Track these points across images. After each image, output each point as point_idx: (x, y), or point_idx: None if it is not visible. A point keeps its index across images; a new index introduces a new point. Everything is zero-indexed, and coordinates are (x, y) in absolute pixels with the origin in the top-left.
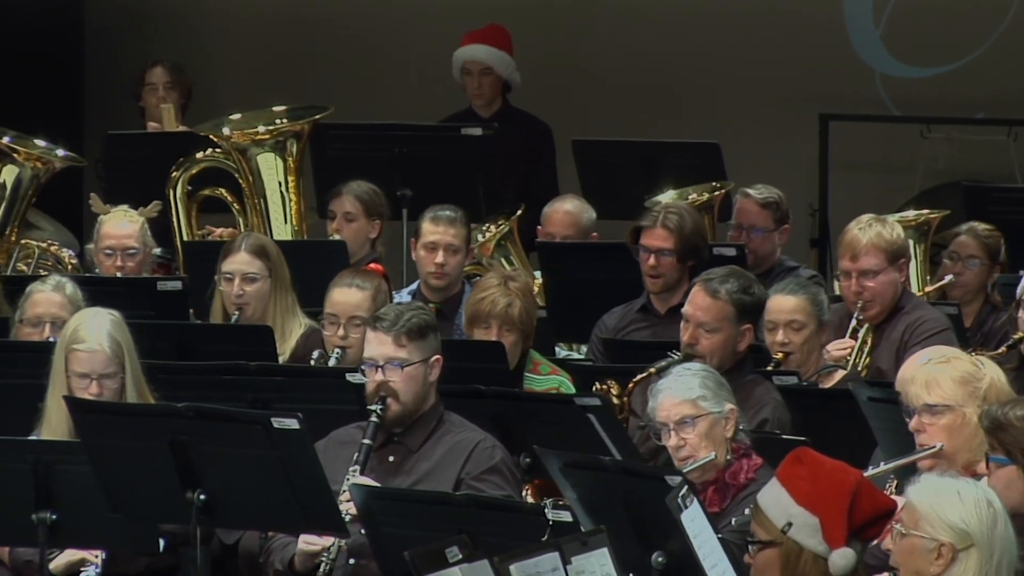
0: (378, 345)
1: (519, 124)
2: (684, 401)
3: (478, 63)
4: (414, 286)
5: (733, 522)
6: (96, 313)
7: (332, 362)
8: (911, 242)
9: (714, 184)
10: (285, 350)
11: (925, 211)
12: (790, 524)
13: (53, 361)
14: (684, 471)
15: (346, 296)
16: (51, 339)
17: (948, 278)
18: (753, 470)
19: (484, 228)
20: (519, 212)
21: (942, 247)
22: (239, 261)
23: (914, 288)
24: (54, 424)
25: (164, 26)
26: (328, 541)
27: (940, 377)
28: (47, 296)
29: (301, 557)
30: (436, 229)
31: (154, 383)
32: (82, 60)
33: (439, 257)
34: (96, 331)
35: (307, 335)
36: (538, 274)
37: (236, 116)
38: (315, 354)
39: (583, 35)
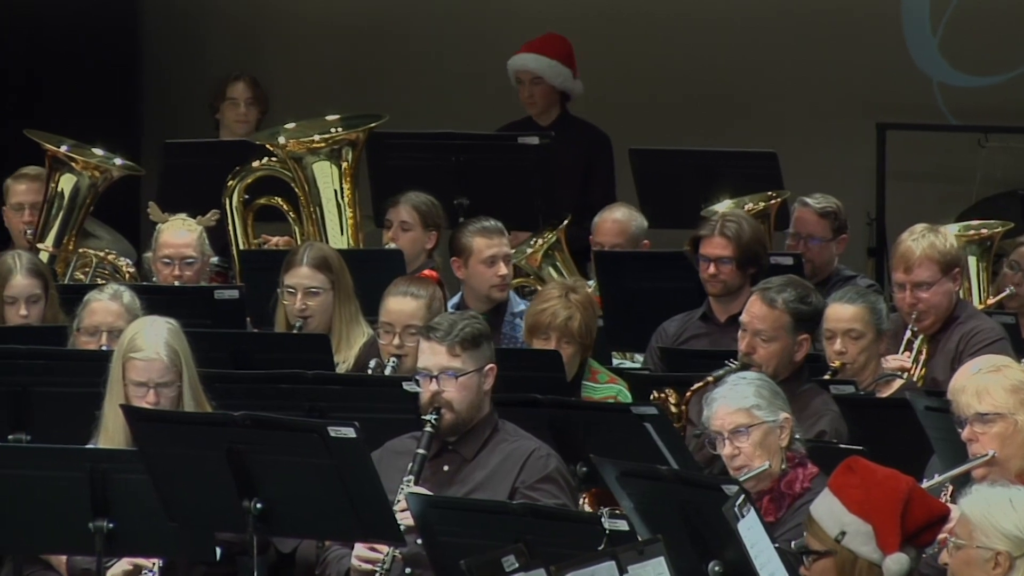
0: (432, 355)
1: (577, 133)
2: (738, 410)
3: (528, 72)
4: (456, 298)
5: (792, 545)
6: (153, 321)
7: (388, 371)
8: (973, 258)
9: (770, 193)
10: (349, 358)
11: (986, 225)
12: (844, 533)
13: (110, 369)
14: (738, 480)
15: (401, 305)
16: (104, 347)
17: (1009, 290)
18: (808, 479)
19: (531, 240)
20: (566, 222)
21: (1001, 256)
22: (301, 275)
23: (976, 302)
24: (111, 432)
25: (221, 35)
26: (383, 551)
27: (991, 386)
28: (104, 305)
29: (356, 574)
30: (492, 242)
31: (211, 392)
32: (139, 69)
33: (501, 269)
34: (153, 340)
35: (370, 343)
36: (591, 282)
37: (291, 125)
38: (372, 363)
39: (641, 44)
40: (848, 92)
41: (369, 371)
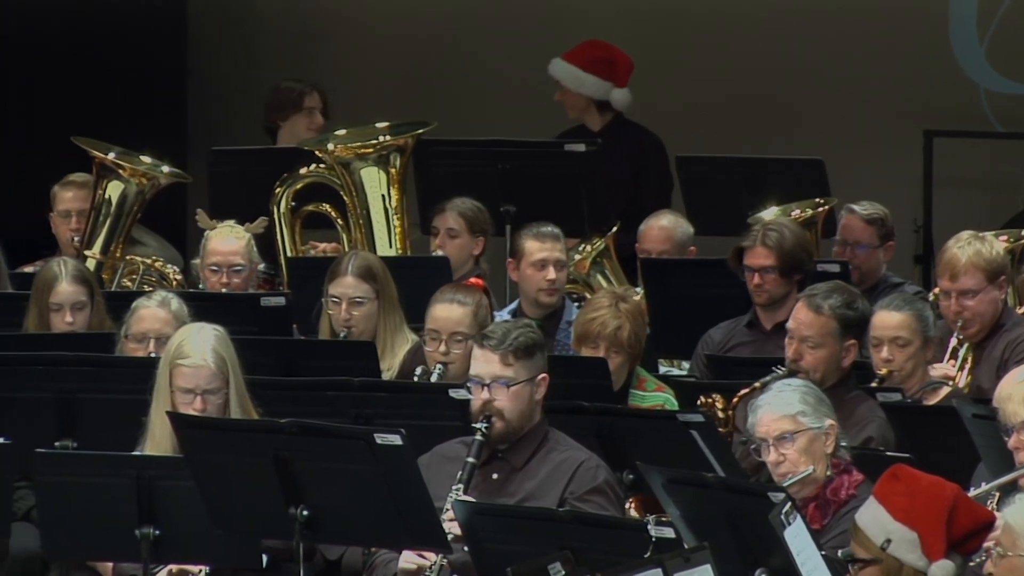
0: (485, 363)
1: (630, 138)
2: (783, 416)
3: (555, 80)
4: (514, 305)
5: (839, 554)
6: (201, 328)
7: (434, 378)
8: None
9: (818, 200)
10: (393, 365)
11: None
12: (889, 541)
13: (157, 376)
14: (783, 486)
15: (447, 312)
16: (152, 354)
17: None
18: (854, 486)
19: (580, 247)
20: (614, 229)
21: None
22: (346, 285)
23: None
24: (158, 439)
25: (268, 43)
26: (431, 558)
27: None
28: (152, 312)
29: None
30: (544, 246)
31: (257, 399)
32: (187, 77)
33: (551, 273)
34: (200, 346)
35: (414, 351)
36: (639, 290)
37: (341, 132)
38: (418, 370)
39: (687, 51)
40: (895, 100)
41: (415, 378)
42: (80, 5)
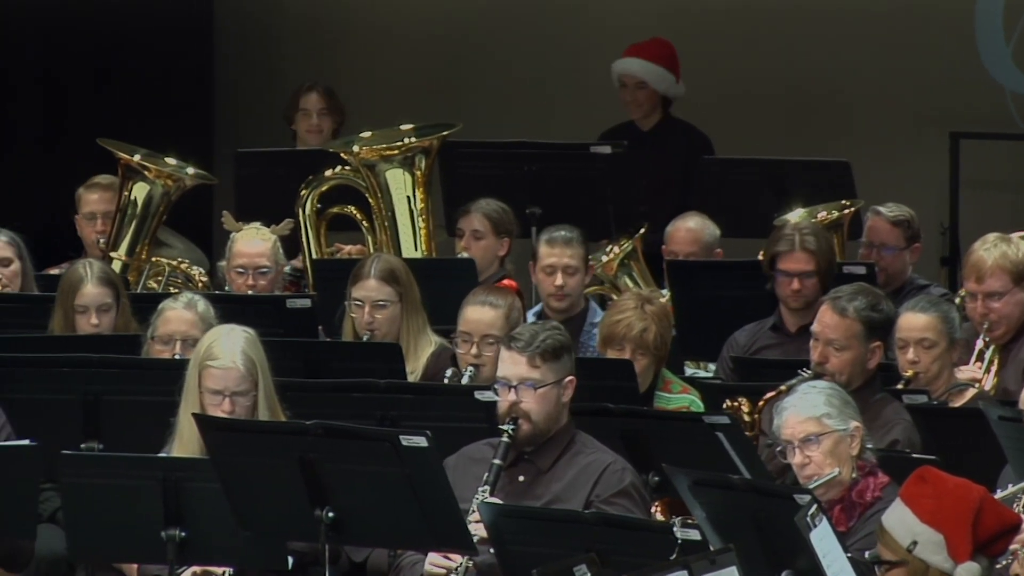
0: (512, 365)
1: (679, 135)
2: (809, 419)
3: (632, 76)
4: (539, 307)
5: (867, 555)
6: (231, 330)
7: (465, 380)
8: None
9: (844, 202)
10: (416, 368)
11: None
12: (915, 543)
13: (187, 377)
14: (808, 488)
15: (479, 314)
16: (178, 356)
17: None
18: (879, 488)
19: (607, 248)
20: (642, 231)
21: None
22: (369, 288)
23: None
24: (186, 440)
25: (294, 44)
26: (456, 560)
27: None
28: (178, 314)
29: None
30: (552, 251)
31: (283, 400)
32: (213, 78)
33: (558, 279)
34: (230, 348)
35: (437, 354)
36: (665, 291)
37: (366, 134)
38: (448, 372)
39: (714, 54)
40: (921, 101)
41: (446, 380)
42: (106, 8)
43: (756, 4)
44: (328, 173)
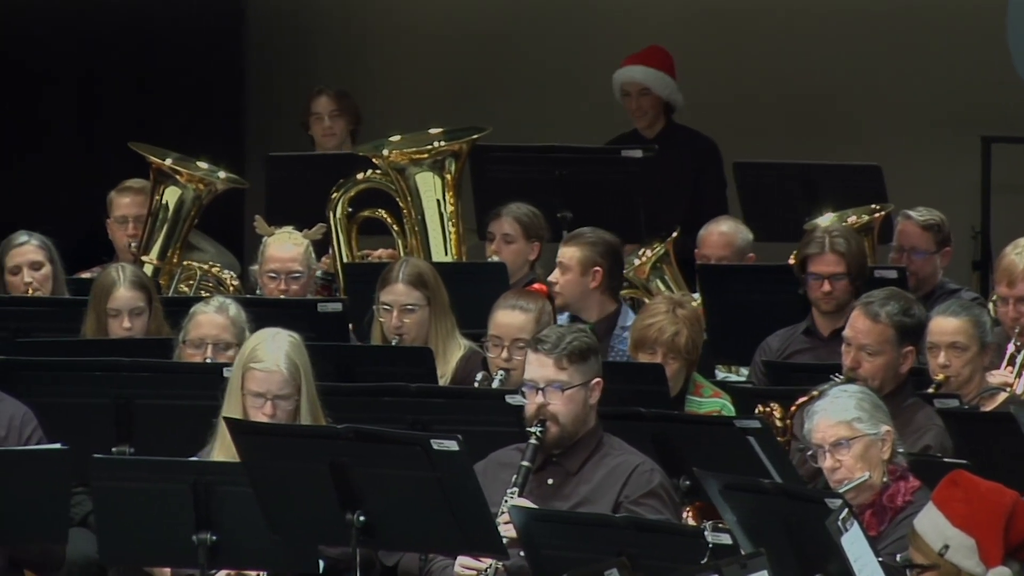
0: (539, 367)
1: (684, 142)
2: (839, 423)
3: (636, 84)
4: None
5: (898, 558)
6: (276, 334)
7: (496, 384)
8: None
9: (874, 206)
10: (446, 372)
11: None
12: (947, 547)
13: (230, 379)
14: (839, 492)
15: (510, 318)
16: (209, 360)
17: None
18: (910, 492)
19: (639, 252)
20: (674, 234)
21: None
22: (397, 292)
23: None
24: (227, 443)
25: (326, 48)
26: (486, 564)
27: None
28: (210, 318)
29: None
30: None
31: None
32: (244, 82)
33: (553, 275)
34: (274, 352)
35: (467, 357)
36: (696, 295)
37: (396, 138)
38: (478, 376)
39: (744, 56)
40: (952, 105)
41: (476, 384)
42: (138, 12)
43: (786, 8)
44: (359, 177)
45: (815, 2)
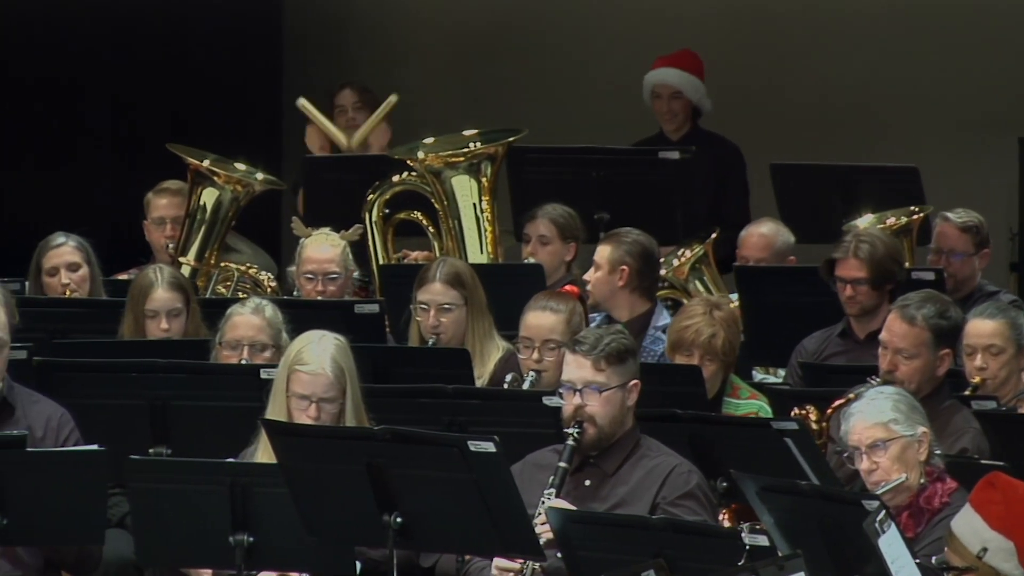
0: (577, 368)
1: (709, 146)
2: (876, 424)
3: (668, 87)
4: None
5: (934, 560)
6: (322, 337)
7: (527, 385)
8: None
9: (912, 208)
10: (483, 374)
11: None
12: (985, 549)
13: (275, 381)
14: (877, 494)
15: (540, 319)
16: (244, 361)
17: None
18: (947, 494)
19: (679, 252)
20: (714, 235)
21: None
22: (434, 291)
23: None
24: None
25: (362, 49)
26: (522, 565)
27: None
28: (246, 319)
29: None
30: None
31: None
32: (280, 84)
33: (587, 274)
34: (320, 355)
35: (505, 359)
36: (734, 296)
37: (430, 140)
38: (508, 377)
39: (779, 59)
40: (989, 106)
41: (506, 385)
42: (175, 12)
43: (823, 10)
44: (395, 179)
45: (849, 3)
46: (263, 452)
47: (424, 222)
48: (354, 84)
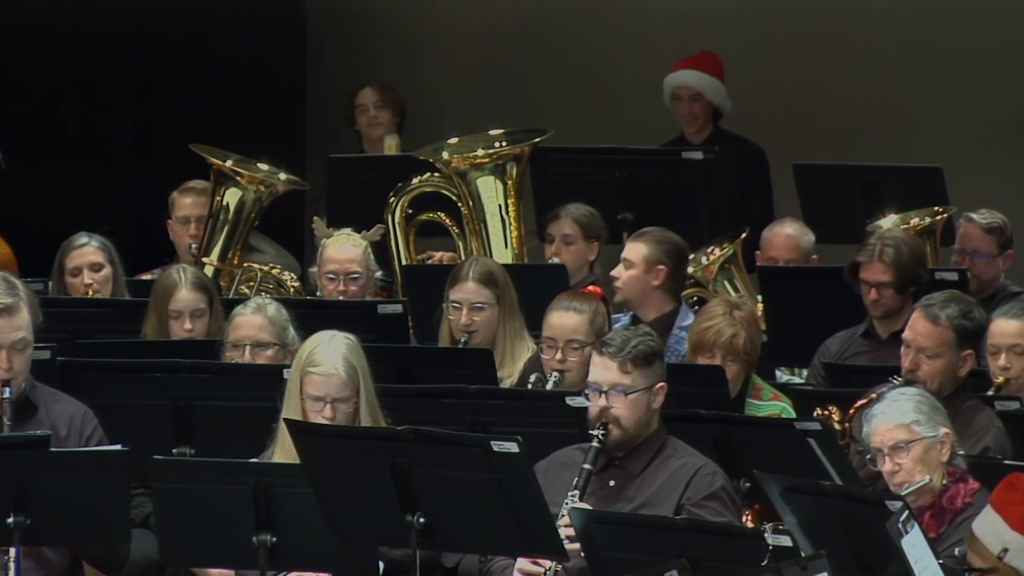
0: (603, 370)
1: (731, 148)
2: (898, 426)
3: (688, 88)
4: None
5: (956, 552)
6: (332, 337)
7: (550, 385)
8: None
9: (936, 208)
10: (513, 373)
11: None
12: (1006, 550)
13: (288, 383)
14: (900, 495)
15: (563, 320)
16: (243, 361)
17: None
18: (970, 495)
19: (708, 251)
20: (743, 235)
21: None
22: (467, 290)
23: None
24: (288, 446)
25: (385, 49)
26: (546, 565)
27: None
28: (247, 319)
29: None
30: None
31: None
32: (304, 84)
33: (616, 271)
34: (331, 355)
35: (534, 359)
36: (758, 297)
37: (454, 140)
38: (532, 377)
39: (801, 59)
40: (1013, 107)
41: (529, 385)
42: (199, 12)
43: (847, 11)
44: (417, 180)
45: (870, 3)
46: (280, 455)
47: (447, 222)
48: (374, 82)
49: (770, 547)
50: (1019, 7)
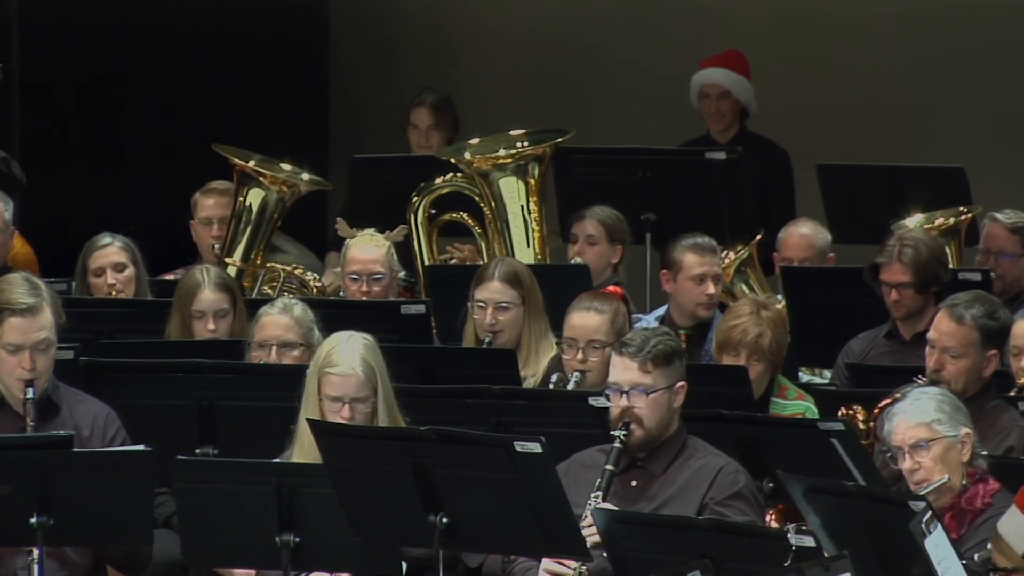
0: (624, 370)
1: (757, 149)
2: (919, 425)
3: (717, 86)
4: (661, 311)
5: (976, 557)
6: (350, 337)
7: (571, 385)
8: None
9: (961, 208)
10: (538, 372)
11: None
12: None
13: (306, 383)
14: (919, 495)
15: (584, 319)
16: (268, 362)
17: None
18: (990, 495)
19: (723, 255)
20: (758, 237)
21: None
22: (492, 290)
23: None
24: (306, 447)
25: (409, 49)
26: (571, 566)
27: None
28: (273, 319)
29: None
30: (703, 260)
31: (400, 407)
32: (327, 84)
33: (709, 288)
34: (349, 355)
35: (558, 359)
36: (780, 297)
37: (475, 141)
38: (553, 377)
39: (823, 59)
40: None
41: (550, 385)
42: (222, 12)
43: (869, 10)
44: (439, 180)
45: (895, 3)
46: (298, 455)
47: (471, 223)
48: (432, 98)
49: (793, 547)
50: None
